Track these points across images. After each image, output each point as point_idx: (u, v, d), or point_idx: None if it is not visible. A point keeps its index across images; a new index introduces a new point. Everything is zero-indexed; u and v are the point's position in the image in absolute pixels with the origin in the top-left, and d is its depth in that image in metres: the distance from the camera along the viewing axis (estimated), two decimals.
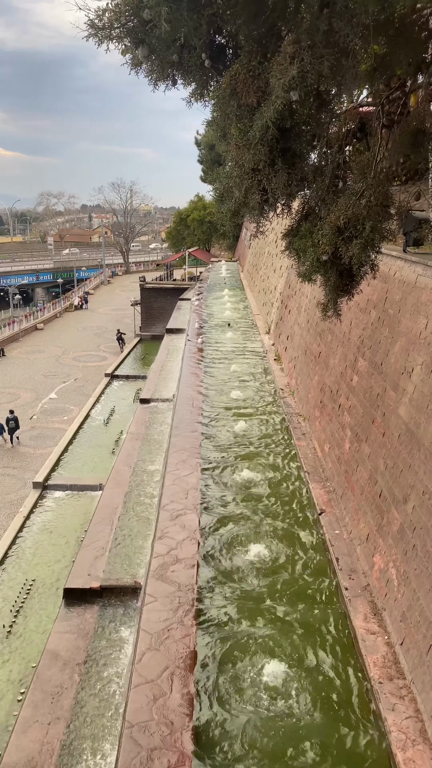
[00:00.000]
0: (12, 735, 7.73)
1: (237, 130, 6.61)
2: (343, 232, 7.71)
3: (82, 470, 22.99)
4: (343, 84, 5.76)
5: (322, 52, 5.20)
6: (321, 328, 18.25)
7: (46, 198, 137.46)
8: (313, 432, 16.46)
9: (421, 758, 6.97)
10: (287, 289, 28.09)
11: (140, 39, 6.01)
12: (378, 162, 7.82)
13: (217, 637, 9.16)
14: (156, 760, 6.89)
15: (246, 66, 6.04)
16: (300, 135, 6.72)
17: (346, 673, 8.52)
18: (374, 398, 12.08)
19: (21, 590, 15.37)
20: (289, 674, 8.44)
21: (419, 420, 9.69)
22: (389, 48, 6.17)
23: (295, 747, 7.39)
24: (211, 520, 12.60)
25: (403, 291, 11.81)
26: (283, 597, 10.10)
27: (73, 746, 7.50)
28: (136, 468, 15.47)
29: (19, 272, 78.81)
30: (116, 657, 9.03)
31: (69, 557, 16.22)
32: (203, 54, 6.27)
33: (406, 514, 9.35)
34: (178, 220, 76.94)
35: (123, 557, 11.36)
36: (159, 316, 46.55)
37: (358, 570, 10.57)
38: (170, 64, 6.38)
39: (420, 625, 8.09)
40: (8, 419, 26.08)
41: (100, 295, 72.15)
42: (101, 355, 43.41)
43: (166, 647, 8.65)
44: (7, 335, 47.07)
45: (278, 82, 5.41)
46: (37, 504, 19.97)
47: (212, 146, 69.98)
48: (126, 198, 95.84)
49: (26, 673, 12.12)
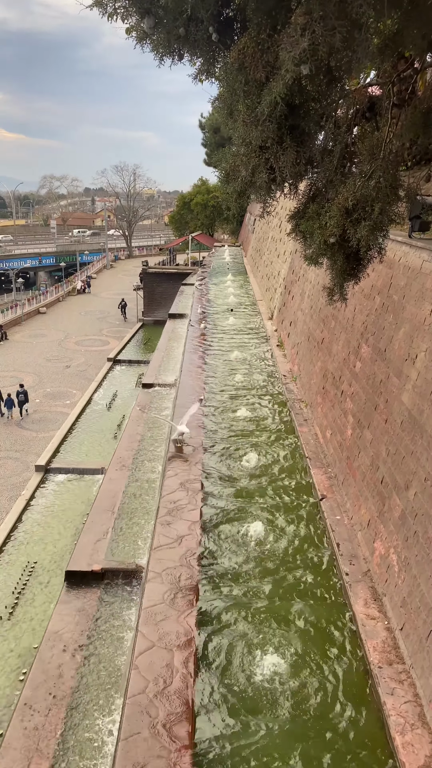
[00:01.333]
0: (14, 715, 7.77)
1: (244, 107, 6.46)
2: (351, 214, 7.58)
3: (85, 454, 23.01)
4: (354, 59, 5.63)
5: (334, 24, 5.04)
6: (324, 314, 18.13)
7: (49, 181, 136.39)
8: (315, 418, 16.41)
9: (420, 742, 6.99)
10: (291, 274, 27.90)
11: (146, 8, 5.85)
12: (387, 143, 7.68)
13: (215, 627, 9.19)
14: (158, 740, 6.92)
15: (255, 39, 5.88)
16: (309, 112, 6.57)
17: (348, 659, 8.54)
18: (377, 385, 12.01)
19: (23, 572, 15.43)
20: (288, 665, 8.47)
21: (422, 407, 9.62)
22: (402, 23, 6.02)
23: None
24: (212, 504, 12.60)
25: (408, 277, 11.68)
26: (281, 588, 10.13)
27: (74, 726, 7.54)
28: (138, 452, 15.46)
29: (21, 255, 78.45)
30: (117, 638, 9.06)
31: (71, 540, 16.27)
32: (210, 27, 6.10)
33: (408, 500, 9.32)
34: (182, 204, 76.32)
35: (124, 540, 11.37)
36: (161, 301, 46.37)
37: (359, 555, 10.57)
38: (176, 37, 6.22)
39: (420, 610, 8.09)
40: (18, 392, 27.53)
41: (103, 279, 71.85)
42: (104, 339, 43.30)
43: (166, 630, 8.67)
44: (10, 319, 46.94)
45: (288, 55, 5.26)
46: (39, 487, 20.00)
47: (217, 129, 69.23)
48: (129, 182, 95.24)
49: (28, 654, 12.18)
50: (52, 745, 7.24)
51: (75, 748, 7.23)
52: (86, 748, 7.23)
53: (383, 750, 7.15)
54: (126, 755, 6.71)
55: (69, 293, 61.21)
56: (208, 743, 7.23)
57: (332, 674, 8.24)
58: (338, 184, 8.09)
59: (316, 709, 7.70)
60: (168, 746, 6.84)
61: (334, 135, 8.02)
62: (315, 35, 5.11)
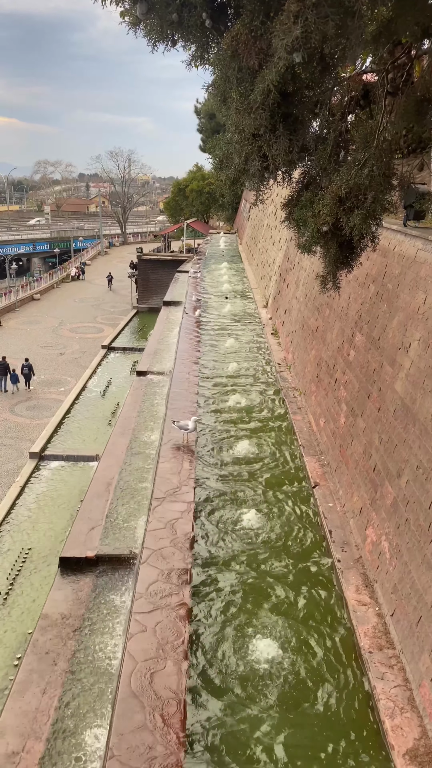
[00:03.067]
0: (8, 699, 7.86)
1: (238, 94, 6.40)
2: (344, 203, 7.57)
3: (79, 441, 23.04)
4: (348, 47, 5.58)
5: (327, 12, 5.00)
6: (319, 303, 18.14)
7: (43, 166, 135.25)
8: (309, 406, 16.47)
9: (409, 725, 7.12)
10: (286, 262, 27.84)
11: None
12: (381, 131, 7.65)
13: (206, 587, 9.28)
14: (150, 723, 7.02)
15: (248, 26, 5.81)
16: (302, 100, 6.53)
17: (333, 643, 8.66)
18: (371, 373, 12.06)
19: (17, 559, 15.50)
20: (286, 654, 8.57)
21: (415, 395, 9.68)
22: (396, 11, 5.97)
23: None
24: (205, 490, 12.67)
25: (403, 265, 11.69)
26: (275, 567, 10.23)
27: (68, 709, 7.63)
28: (132, 440, 15.49)
29: (15, 241, 77.85)
30: (111, 624, 9.14)
31: (65, 527, 16.33)
32: (204, 13, 6.04)
33: (400, 488, 9.40)
34: (177, 191, 75.87)
35: (118, 527, 11.43)
36: (156, 289, 46.20)
37: (351, 543, 10.67)
38: (169, 23, 6.15)
39: (411, 597, 8.20)
40: (23, 366, 29.05)
41: (97, 265, 71.43)
42: (98, 326, 43.17)
43: (159, 614, 8.75)
44: (4, 305, 46.65)
45: (281, 43, 5.21)
46: (33, 474, 20.04)
47: (212, 115, 68.66)
48: (124, 167, 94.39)
49: (22, 640, 12.28)
50: (47, 728, 7.33)
51: (69, 730, 7.33)
52: (80, 732, 7.33)
53: (372, 733, 7.28)
54: (119, 738, 6.81)
55: (63, 280, 60.87)
56: (200, 726, 7.34)
57: (323, 659, 8.36)
58: (332, 171, 8.06)
59: (305, 693, 7.82)
60: (161, 729, 6.94)
61: (327, 123, 7.98)
62: (308, 23, 5.07)
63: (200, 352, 23.24)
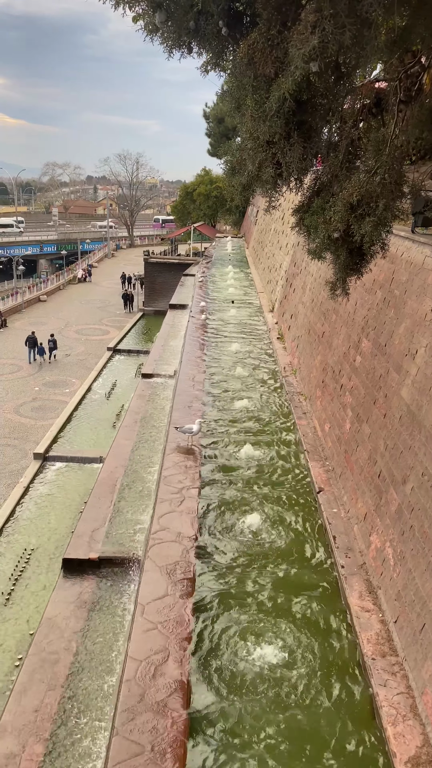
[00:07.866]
0: (9, 700, 7.88)
1: (253, 102, 6.46)
2: (355, 210, 7.61)
3: (83, 443, 23.08)
4: (363, 56, 5.63)
5: (345, 22, 5.05)
6: (325, 308, 18.16)
7: (51, 168, 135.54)
8: (314, 411, 16.48)
9: (411, 733, 7.11)
10: (293, 267, 27.88)
11: (158, 2, 5.85)
12: (393, 139, 7.69)
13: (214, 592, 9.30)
14: (153, 721, 7.04)
15: (264, 35, 5.88)
16: (316, 108, 6.58)
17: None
18: (377, 379, 12.07)
19: (20, 559, 15.53)
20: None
21: (421, 402, 9.69)
22: (410, 19, 6.02)
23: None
24: (209, 493, 12.69)
25: (410, 272, 11.72)
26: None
27: (69, 711, 7.65)
28: (136, 442, 15.53)
29: (23, 243, 78.10)
30: (113, 626, 9.17)
31: (68, 528, 16.36)
32: (220, 21, 6.10)
33: (405, 495, 9.41)
34: (184, 194, 76.01)
35: (122, 529, 11.46)
36: (162, 292, 46.30)
37: (355, 549, 10.68)
38: (186, 31, 6.22)
39: (415, 604, 8.20)
40: (49, 340, 34.28)
41: (104, 268, 71.58)
42: (104, 328, 43.24)
43: (162, 615, 8.77)
44: (10, 306, 46.78)
45: (298, 52, 5.27)
46: (37, 475, 20.08)
47: (221, 120, 68.86)
48: (132, 170, 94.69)
49: (24, 640, 12.30)
50: (48, 728, 7.35)
51: (71, 731, 7.35)
52: (82, 731, 7.35)
53: (375, 740, 7.28)
54: (122, 737, 6.82)
55: (70, 282, 60.99)
56: (202, 736, 7.35)
57: (325, 665, 8.36)
58: (344, 179, 8.11)
59: (308, 699, 7.82)
60: (163, 728, 6.96)
61: (340, 130, 8.03)
62: (325, 33, 5.12)
63: (206, 355, 23.28)
